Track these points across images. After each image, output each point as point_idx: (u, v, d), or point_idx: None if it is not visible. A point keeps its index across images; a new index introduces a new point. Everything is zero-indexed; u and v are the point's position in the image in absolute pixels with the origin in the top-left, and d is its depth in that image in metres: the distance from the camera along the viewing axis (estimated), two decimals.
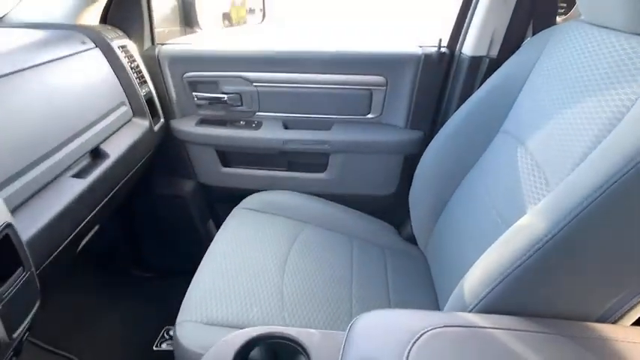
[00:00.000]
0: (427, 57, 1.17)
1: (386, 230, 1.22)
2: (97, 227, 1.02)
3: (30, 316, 0.60)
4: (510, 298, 0.55)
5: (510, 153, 0.79)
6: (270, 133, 1.29)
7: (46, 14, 1.10)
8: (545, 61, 0.80)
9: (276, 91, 1.28)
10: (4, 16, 1.10)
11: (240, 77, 1.26)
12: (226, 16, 1.83)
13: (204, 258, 0.99)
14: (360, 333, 0.52)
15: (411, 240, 1.16)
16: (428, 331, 0.49)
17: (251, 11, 1.83)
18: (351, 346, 0.51)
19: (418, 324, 0.51)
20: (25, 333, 0.60)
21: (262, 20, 1.63)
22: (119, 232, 1.47)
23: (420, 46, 1.20)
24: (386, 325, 0.53)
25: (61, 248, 0.76)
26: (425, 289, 1.01)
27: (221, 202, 1.46)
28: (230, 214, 1.15)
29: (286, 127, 1.31)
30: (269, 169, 1.36)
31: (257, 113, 1.32)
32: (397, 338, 0.49)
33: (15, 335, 0.56)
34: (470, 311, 0.57)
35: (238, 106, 1.31)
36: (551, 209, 0.52)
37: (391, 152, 1.28)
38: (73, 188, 0.80)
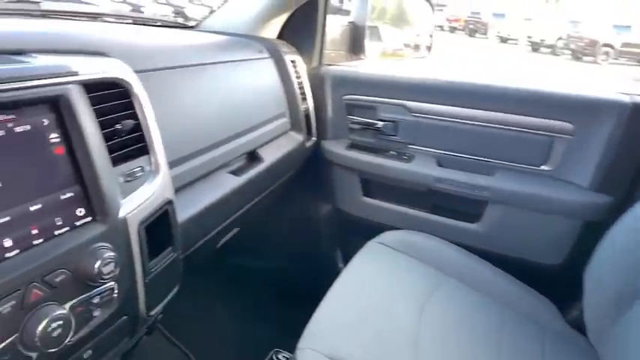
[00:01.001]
0: (637, 106, 0.97)
1: (546, 307, 1.00)
2: (236, 230, 1.02)
3: (168, 298, 0.58)
4: None
5: None
6: (421, 168, 1.18)
7: (232, 25, 1.19)
8: None
9: (435, 124, 1.18)
10: (198, 24, 1.23)
11: (401, 105, 1.20)
12: None
13: (333, 285, 0.91)
14: None
15: (578, 326, 0.92)
16: None
17: (416, 47, 1.81)
18: None
19: None
20: (159, 314, 0.58)
21: (428, 55, 1.58)
22: (250, 242, 1.48)
23: (627, 94, 0.99)
24: None
25: (205, 239, 0.75)
26: None
27: (353, 233, 1.38)
28: (365, 247, 1.06)
29: (440, 165, 1.19)
30: (412, 208, 1.25)
31: (410, 146, 1.23)
32: None
33: (152, 313, 0.55)
34: None
35: (392, 135, 1.24)
36: None
37: (567, 215, 1.07)
38: (228, 183, 0.81)
